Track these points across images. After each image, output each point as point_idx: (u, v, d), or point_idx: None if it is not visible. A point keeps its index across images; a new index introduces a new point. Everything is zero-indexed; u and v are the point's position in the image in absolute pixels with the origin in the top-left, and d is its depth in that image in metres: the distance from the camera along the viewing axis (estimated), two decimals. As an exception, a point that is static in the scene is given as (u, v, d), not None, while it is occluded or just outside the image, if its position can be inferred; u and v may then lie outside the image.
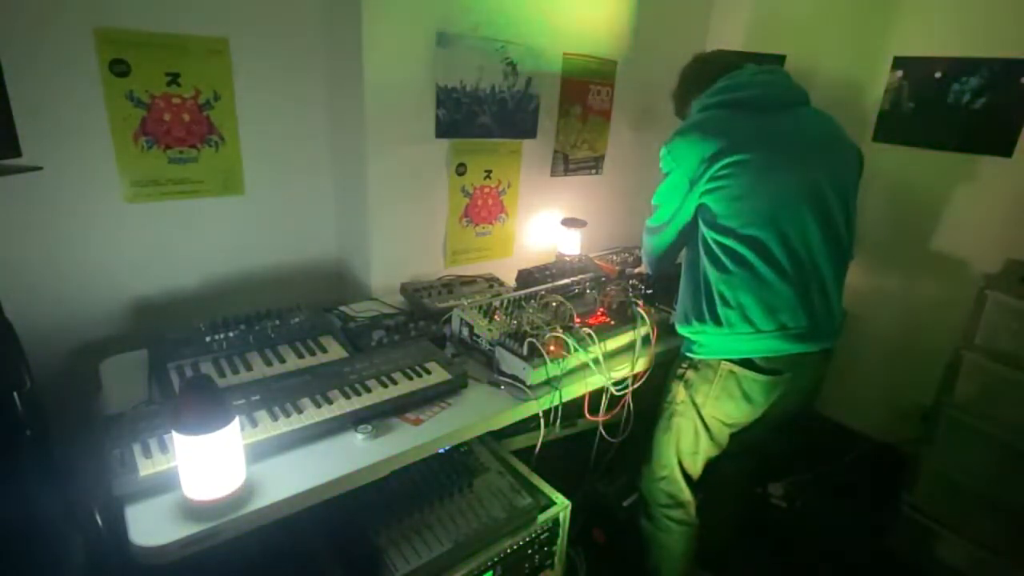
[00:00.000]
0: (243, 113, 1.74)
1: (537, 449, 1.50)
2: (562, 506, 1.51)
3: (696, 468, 1.59)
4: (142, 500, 0.97)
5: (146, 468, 0.98)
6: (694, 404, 1.51)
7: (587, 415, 1.49)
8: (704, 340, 1.46)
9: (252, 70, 1.71)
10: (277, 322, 1.51)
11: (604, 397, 1.51)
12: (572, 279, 1.86)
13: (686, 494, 1.60)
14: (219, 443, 0.93)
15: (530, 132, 2.20)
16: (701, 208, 1.41)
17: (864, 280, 2.39)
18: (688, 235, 1.49)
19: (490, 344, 1.47)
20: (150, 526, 0.93)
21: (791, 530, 2.22)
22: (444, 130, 1.94)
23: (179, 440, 0.92)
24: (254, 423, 1.12)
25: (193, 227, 1.75)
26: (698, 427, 1.52)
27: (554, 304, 1.60)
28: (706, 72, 1.54)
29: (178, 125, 1.64)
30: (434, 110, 1.90)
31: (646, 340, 1.61)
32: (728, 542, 1.96)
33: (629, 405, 1.56)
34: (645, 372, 1.61)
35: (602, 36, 2.28)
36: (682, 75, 1.64)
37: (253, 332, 1.45)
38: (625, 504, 1.95)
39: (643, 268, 1.78)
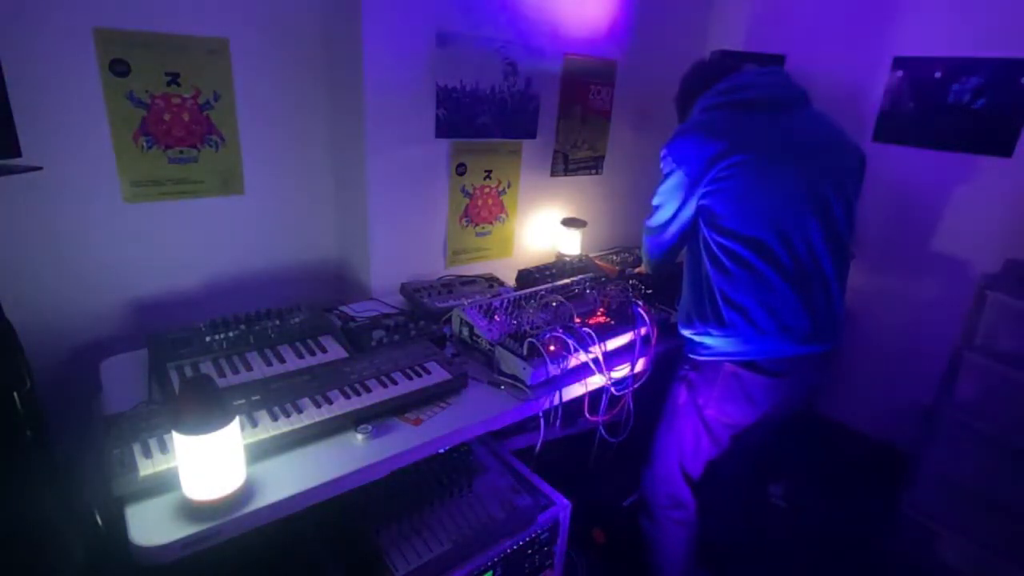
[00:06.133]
0: (243, 113, 1.74)
1: (537, 449, 1.50)
2: (562, 506, 1.51)
3: (697, 470, 1.59)
4: (142, 500, 0.97)
5: (146, 468, 0.98)
6: (696, 405, 1.51)
7: (587, 415, 1.49)
8: (706, 341, 1.46)
9: (252, 70, 1.72)
10: (277, 322, 1.51)
11: (604, 397, 1.51)
12: (572, 279, 1.86)
13: (687, 496, 1.60)
14: (219, 443, 0.93)
15: (530, 132, 2.20)
16: (702, 209, 1.40)
17: (864, 280, 2.39)
18: (689, 235, 1.49)
19: (490, 344, 1.47)
20: (150, 526, 0.93)
21: (791, 530, 2.22)
22: (444, 130, 1.94)
23: (179, 440, 0.92)
24: (254, 423, 1.12)
25: (193, 227, 1.75)
26: (699, 428, 1.52)
27: (554, 304, 1.60)
28: (707, 74, 1.55)
29: (178, 125, 1.64)
30: (434, 110, 1.90)
31: (646, 340, 1.61)
32: (727, 542, 1.96)
33: (629, 405, 1.56)
34: (645, 372, 1.61)
35: (602, 36, 2.28)
36: (683, 80, 1.64)
37: (253, 332, 1.45)
38: (625, 504, 1.95)
39: (643, 268, 1.78)
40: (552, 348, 1.42)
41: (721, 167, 1.33)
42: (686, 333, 1.52)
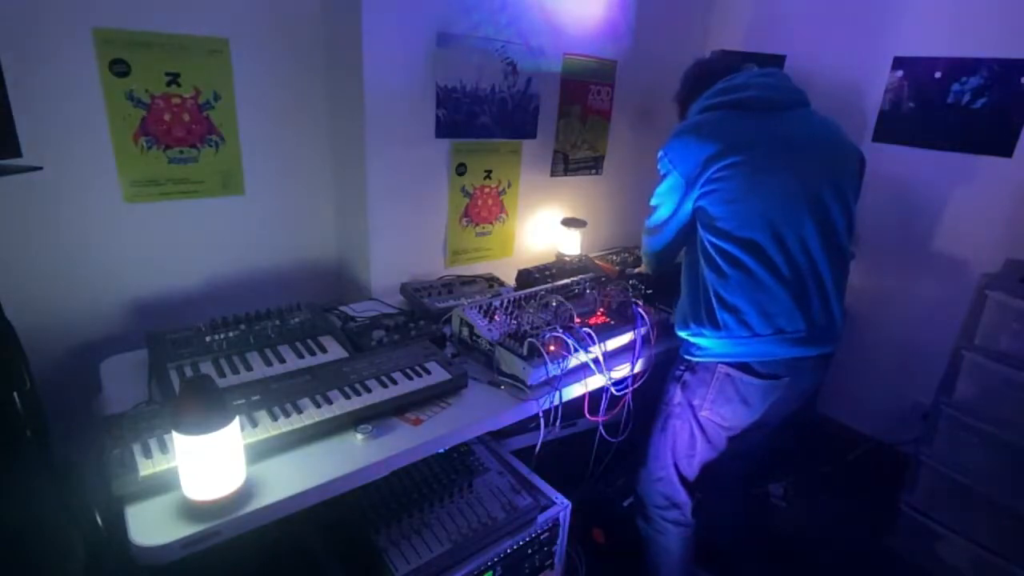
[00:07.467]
0: (243, 113, 1.74)
1: (537, 449, 1.50)
2: (562, 506, 1.51)
3: (692, 471, 1.58)
4: (142, 500, 0.97)
5: (146, 468, 0.98)
6: (690, 406, 1.51)
7: (587, 415, 1.49)
8: (701, 343, 1.46)
9: (252, 70, 1.72)
10: (277, 322, 1.51)
11: (604, 397, 1.51)
12: (572, 279, 1.86)
13: (682, 496, 1.60)
14: (219, 443, 0.93)
15: (530, 132, 2.20)
16: (698, 210, 1.40)
17: (864, 280, 2.39)
18: (687, 236, 1.49)
19: (490, 344, 1.47)
20: (150, 526, 0.93)
21: (791, 530, 2.22)
22: (444, 130, 1.94)
23: (179, 440, 0.92)
24: (254, 423, 1.12)
25: (193, 227, 1.75)
26: (694, 429, 1.52)
27: (554, 304, 1.60)
28: (706, 74, 1.55)
29: (178, 125, 1.64)
30: (434, 110, 1.90)
31: (646, 340, 1.61)
32: (727, 542, 1.96)
33: (629, 405, 1.56)
34: (645, 372, 1.61)
35: (602, 36, 2.28)
36: (683, 79, 1.64)
37: (253, 332, 1.45)
38: (625, 504, 1.95)
39: (643, 268, 1.78)
40: (552, 348, 1.42)
41: (716, 168, 1.33)
42: (682, 334, 1.51)
